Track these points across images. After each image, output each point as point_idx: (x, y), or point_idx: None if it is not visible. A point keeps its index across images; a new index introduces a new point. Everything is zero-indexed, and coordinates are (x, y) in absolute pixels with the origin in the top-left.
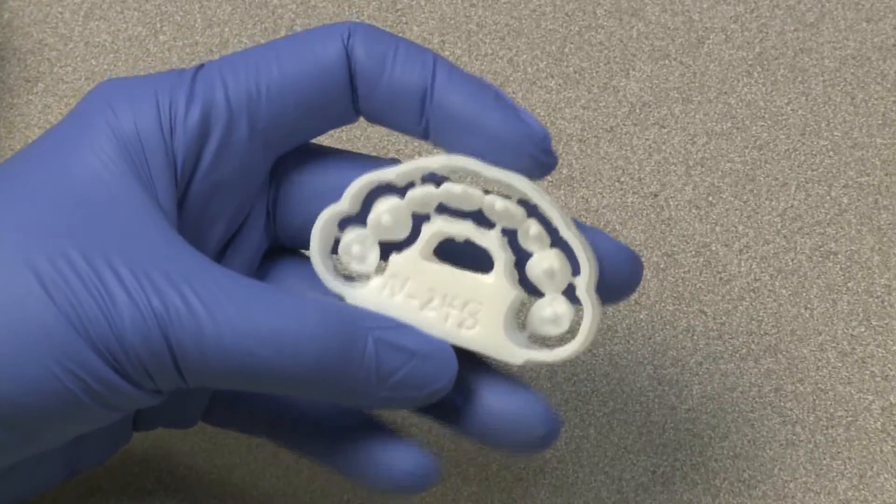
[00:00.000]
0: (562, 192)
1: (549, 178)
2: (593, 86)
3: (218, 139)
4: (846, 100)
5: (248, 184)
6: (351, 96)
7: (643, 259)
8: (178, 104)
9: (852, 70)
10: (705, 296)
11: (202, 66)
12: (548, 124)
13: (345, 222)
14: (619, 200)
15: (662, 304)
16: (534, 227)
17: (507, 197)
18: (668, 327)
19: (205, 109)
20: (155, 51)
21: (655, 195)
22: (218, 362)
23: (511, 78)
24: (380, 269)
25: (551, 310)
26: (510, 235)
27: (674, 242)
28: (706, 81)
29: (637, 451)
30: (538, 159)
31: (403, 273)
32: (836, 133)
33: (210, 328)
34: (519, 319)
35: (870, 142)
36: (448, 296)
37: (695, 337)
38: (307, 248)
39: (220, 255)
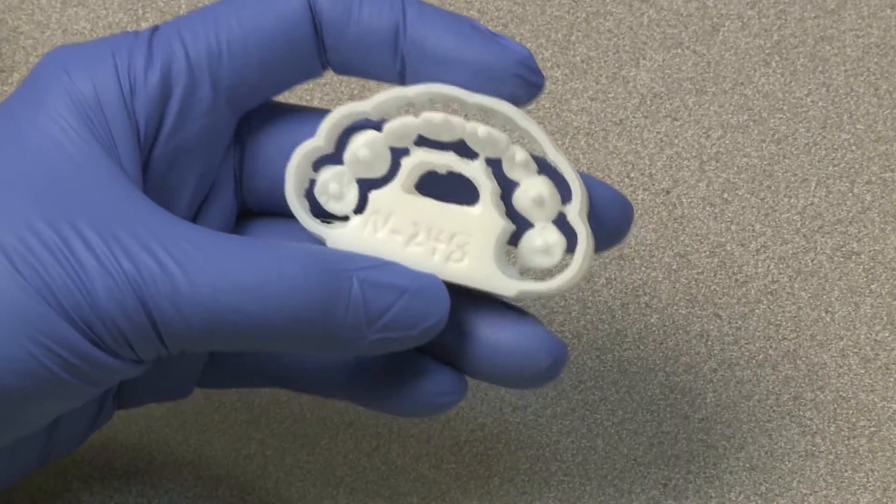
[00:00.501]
0: None
1: None
2: (601, 76)
3: (180, 99)
4: (869, 91)
5: (214, 145)
6: (317, 48)
7: (654, 260)
8: (136, 65)
9: (876, 59)
10: (720, 298)
11: (158, 27)
12: (553, 117)
13: (321, 163)
14: (628, 197)
15: (675, 308)
16: (519, 153)
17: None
18: (680, 332)
19: (164, 69)
20: None
21: (667, 192)
22: (199, 322)
23: None
24: (360, 209)
25: (542, 239)
26: (495, 167)
27: (687, 242)
28: (721, 71)
29: (648, 463)
30: (526, 79)
31: (385, 209)
32: (858, 126)
33: (186, 287)
34: (509, 255)
35: (895, 135)
36: (434, 229)
37: (709, 342)
38: (278, 211)
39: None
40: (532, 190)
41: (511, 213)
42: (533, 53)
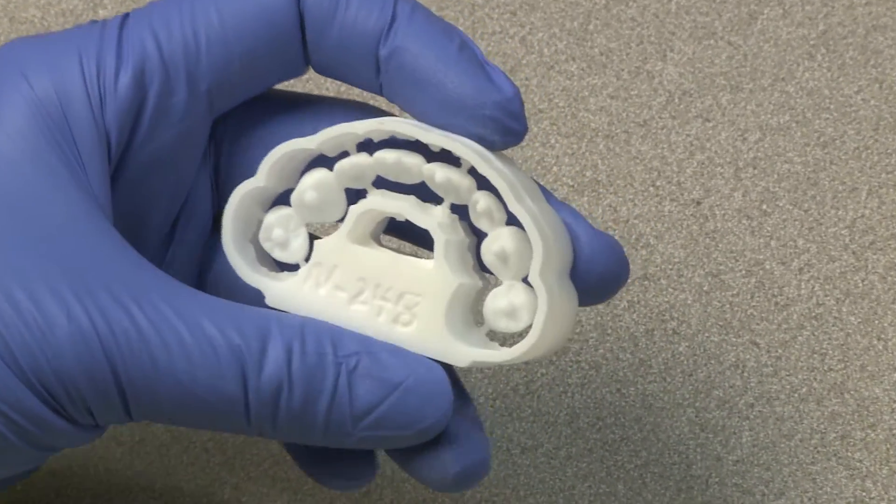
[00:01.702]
0: (585, 199)
1: (570, 181)
2: (623, 71)
3: (154, 105)
4: None
5: (189, 151)
6: (301, 43)
7: (682, 281)
8: (105, 67)
9: None
10: (758, 324)
11: (127, 16)
12: (568, 117)
13: (268, 201)
14: (654, 209)
15: (706, 335)
16: (482, 200)
17: (455, 167)
18: (712, 362)
19: (137, 71)
20: None
21: (698, 203)
22: (169, 398)
23: (524, 61)
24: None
25: (507, 300)
26: (465, 216)
27: (720, 260)
28: (759, 65)
29: None
30: (501, 123)
31: (329, 261)
32: None
33: (162, 357)
34: (474, 312)
35: None
36: (381, 286)
37: (745, 373)
38: None
39: (168, 236)
40: (496, 244)
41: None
42: (550, 48)
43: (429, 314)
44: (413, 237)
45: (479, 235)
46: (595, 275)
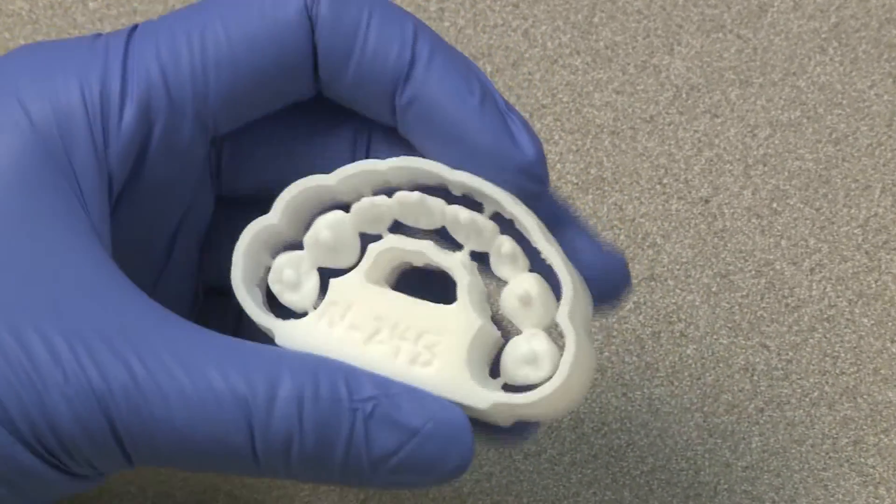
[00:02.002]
0: (590, 196)
1: (574, 179)
2: (629, 65)
3: (158, 141)
4: None
5: (191, 173)
6: (312, 72)
7: (690, 281)
8: (109, 99)
9: None
10: (768, 326)
11: (133, 32)
12: (572, 113)
13: (279, 247)
14: (660, 207)
15: (714, 337)
16: (507, 244)
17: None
18: (721, 365)
19: (142, 105)
20: (83, 21)
21: (706, 201)
22: (168, 447)
23: (526, 55)
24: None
25: (528, 347)
26: (484, 266)
27: (729, 260)
28: (769, 59)
29: None
30: (523, 186)
31: (344, 300)
32: None
33: (160, 409)
34: (490, 361)
35: None
36: (399, 326)
37: (755, 377)
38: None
39: (166, 250)
40: (520, 287)
41: (500, 323)
42: (554, 41)
43: (449, 354)
44: (427, 291)
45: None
46: (597, 294)
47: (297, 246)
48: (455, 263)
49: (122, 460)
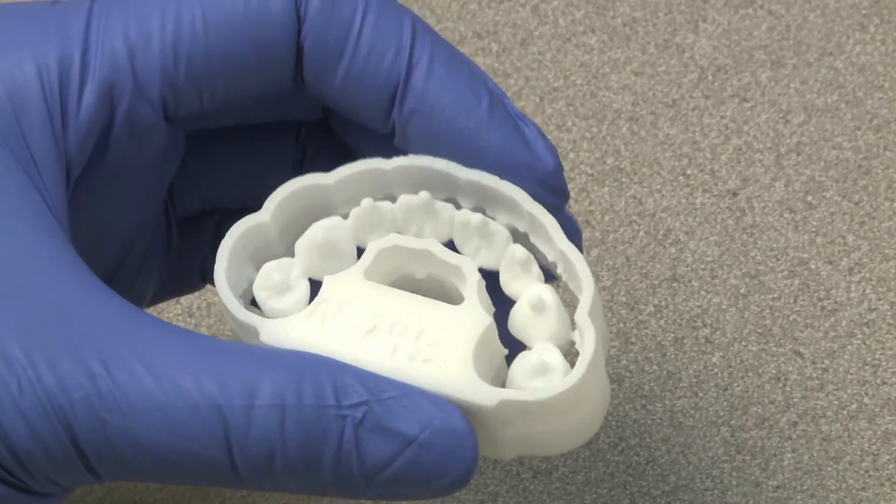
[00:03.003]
0: (606, 189)
1: (589, 170)
2: (649, 44)
3: (120, 127)
4: None
5: (152, 164)
6: (294, 65)
7: (716, 282)
8: (69, 79)
9: None
10: (801, 331)
11: (93, 4)
12: (586, 96)
13: (268, 249)
14: (684, 201)
15: (743, 343)
16: (520, 251)
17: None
18: (750, 374)
19: (104, 86)
20: None
21: (734, 194)
22: (141, 463)
23: (536, 33)
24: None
25: (538, 358)
26: (490, 285)
27: (759, 259)
28: (804, 38)
29: None
30: (541, 199)
31: (338, 297)
32: None
33: (127, 421)
34: (495, 368)
35: None
36: (399, 324)
37: (787, 387)
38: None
39: (126, 250)
40: (533, 294)
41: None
42: (567, 18)
43: (453, 350)
44: None
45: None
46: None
47: (288, 254)
48: (464, 261)
49: (88, 476)
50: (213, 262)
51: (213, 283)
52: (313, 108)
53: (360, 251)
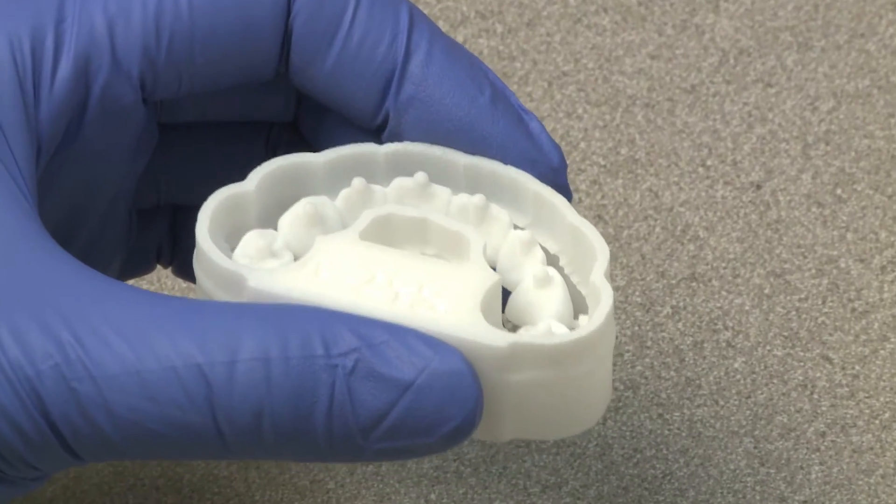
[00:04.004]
0: (620, 181)
1: (601, 160)
2: (666, 24)
3: (96, 105)
4: None
5: (127, 145)
6: (280, 49)
7: (739, 282)
8: (42, 53)
9: None
10: (830, 335)
11: None
12: (599, 81)
13: (248, 220)
14: (703, 194)
15: (767, 348)
16: (522, 234)
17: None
18: (774, 381)
19: (79, 60)
20: None
21: (758, 187)
22: (121, 437)
23: (545, 13)
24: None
25: (545, 326)
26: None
27: (785, 256)
28: (832, 18)
29: None
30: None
31: (333, 254)
32: None
33: (102, 391)
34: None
35: None
36: (399, 277)
37: (815, 395)
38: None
39: (98, 230)
40: (539, 270)
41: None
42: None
43: (460, 297)
44: None
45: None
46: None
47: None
48: (466, 227)
49: (66, 456)
50: (170, 247)
51: (167, 265)
52: (287, 107)
53: None
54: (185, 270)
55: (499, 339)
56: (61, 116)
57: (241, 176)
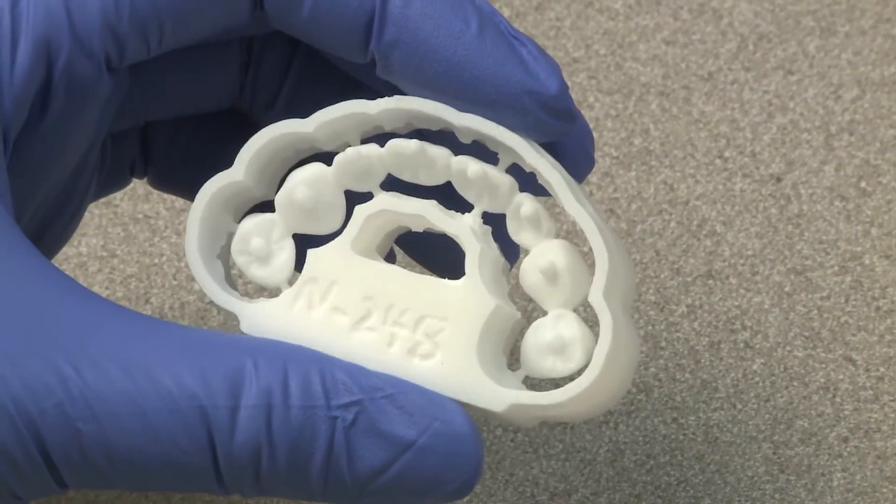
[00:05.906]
0: (633, 173)
1: (613, 151)
2: (682, 8)
3: (59, 83)
4: None
5: (91, 118)
6: (252, 1)
7: (758, 279)
8: None
9: None
10: (854, 335)
11: None
12: (612, 68)
13: (245, 205)
14: (721, 187)
15: (787, 349)
16: (527, 203)
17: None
18: (795, 383)
19: (38, 42)
20: None
21: (778, 179)
22: (116, 470)
23: None
24: (295, 279)
25: (554, 333)
26: (498, 227)
27: (806, 252)
28: (857, 2)
29: None
30: (545, 125)
31: (326, 276)
32: None
33: (102, 425)
34: (509, 349)
35: None
36: (394, 309)
37: (837, 398)
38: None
39: (57, 208)
40: (543, 258)
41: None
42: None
43: (456, 344)
44: (429, 257)
45: (510, 261)
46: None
47: (268, 207)
48: (463, 229)
49: (52, 486)
50: (143, 161)
51: (142, 177)
52: (260, 22)
53: (350, 196)
54: (160, 182)
55: (497, 401)
56: (23, 103)
57: (216, 89)
